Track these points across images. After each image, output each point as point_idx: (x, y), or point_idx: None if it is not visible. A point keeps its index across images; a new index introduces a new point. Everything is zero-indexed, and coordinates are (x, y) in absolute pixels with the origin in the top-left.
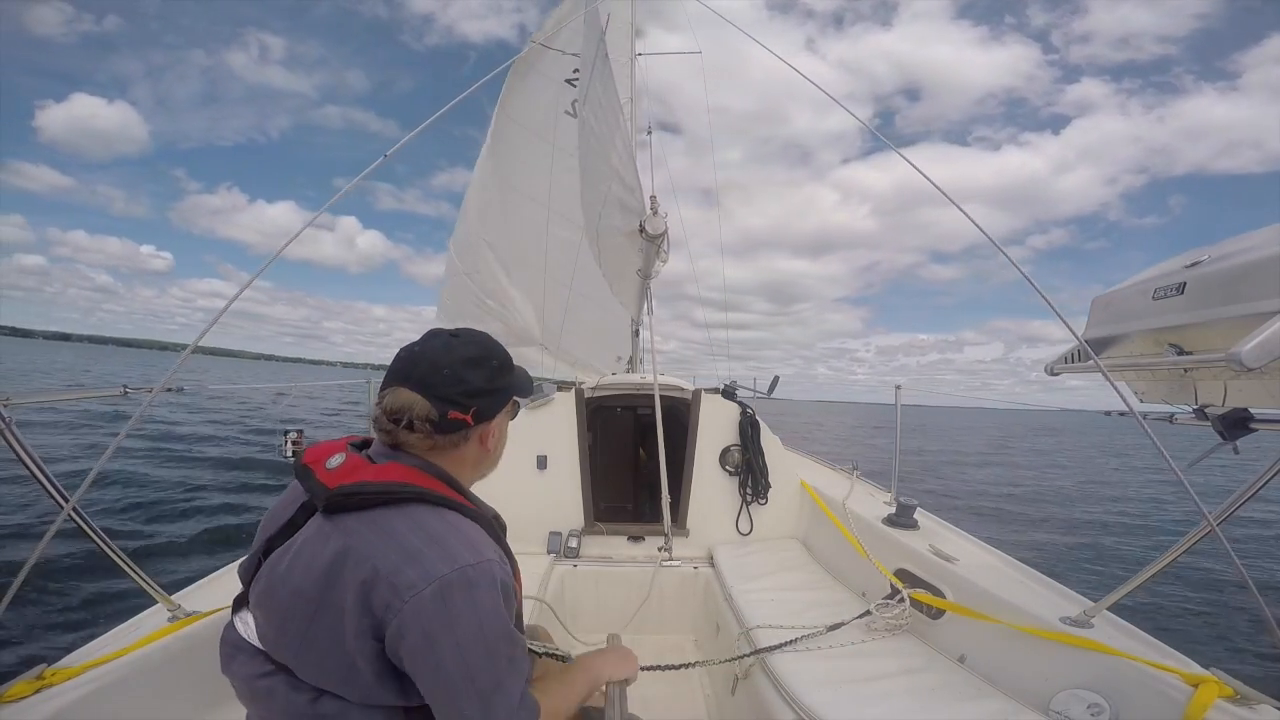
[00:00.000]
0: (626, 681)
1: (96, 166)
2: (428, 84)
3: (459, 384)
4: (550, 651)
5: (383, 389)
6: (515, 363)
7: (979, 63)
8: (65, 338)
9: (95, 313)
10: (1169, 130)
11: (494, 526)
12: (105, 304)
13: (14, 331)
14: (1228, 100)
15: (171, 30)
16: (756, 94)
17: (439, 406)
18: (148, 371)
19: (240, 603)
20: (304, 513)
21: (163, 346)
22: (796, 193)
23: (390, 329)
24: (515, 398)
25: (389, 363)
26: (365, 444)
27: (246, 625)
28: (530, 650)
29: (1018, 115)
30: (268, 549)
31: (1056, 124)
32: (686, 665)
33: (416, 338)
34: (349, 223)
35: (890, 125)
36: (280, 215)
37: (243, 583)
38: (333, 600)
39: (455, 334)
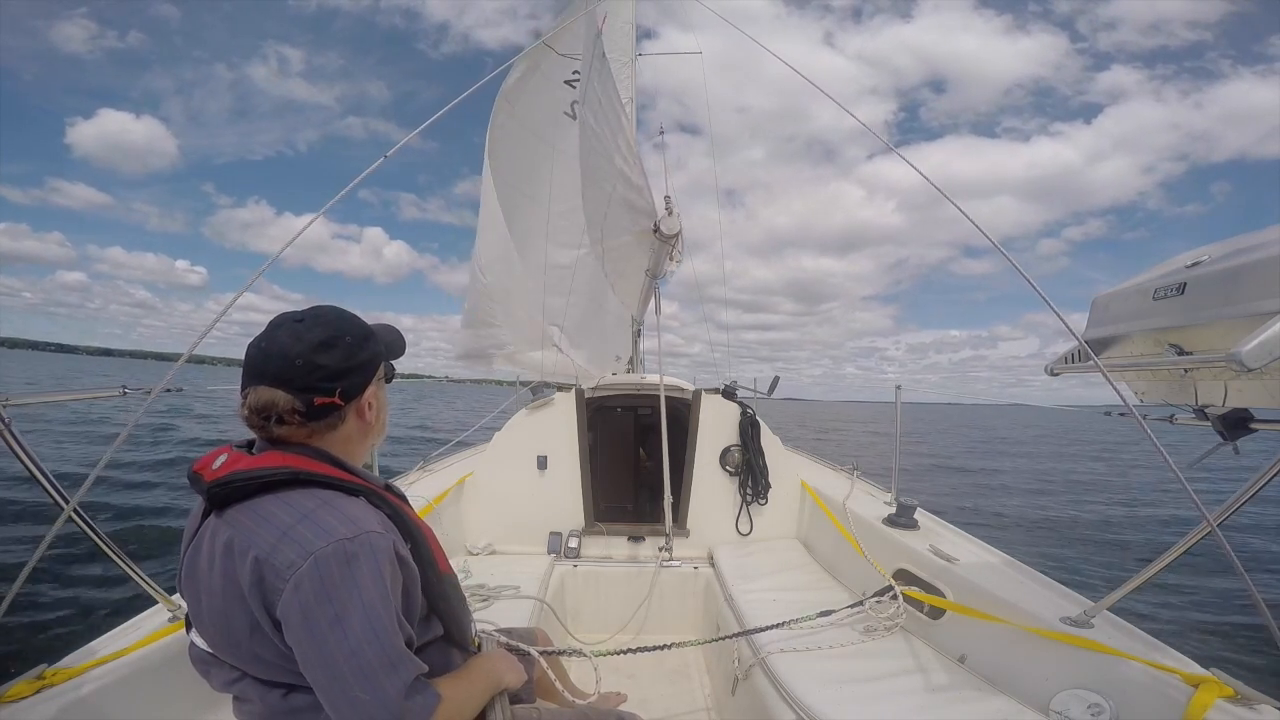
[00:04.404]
0: (510, 688)
1: (132, 183)
2: (447, 92)
3: (316, 370)
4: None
5: (243, 389)
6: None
7: (1005, 53)
8: (108, 353)
9: (136, 328)
10: (1208, 116)
11: (383, 497)
12: (145, 319)
13: (60, 348)
14: (1268, 84)
15: (197, 45)
16: (778, 92)
17: (302, 397)
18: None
19: (190, 618)
20: (206, 518)
21: (200, 360)
22: (821, 190)
23: (419, 338)
24: (386, 362)
25: (418, 371)
26: (253, 444)
27: (200, 637)
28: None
29: (1047, 105)
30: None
31: (1088, 113)
32: (667, 646)
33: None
34: (375, 233)
35: (916, 119)
36: (308, 227)
37: (182, 597)
38: (235, 594)
39: (301, 319)
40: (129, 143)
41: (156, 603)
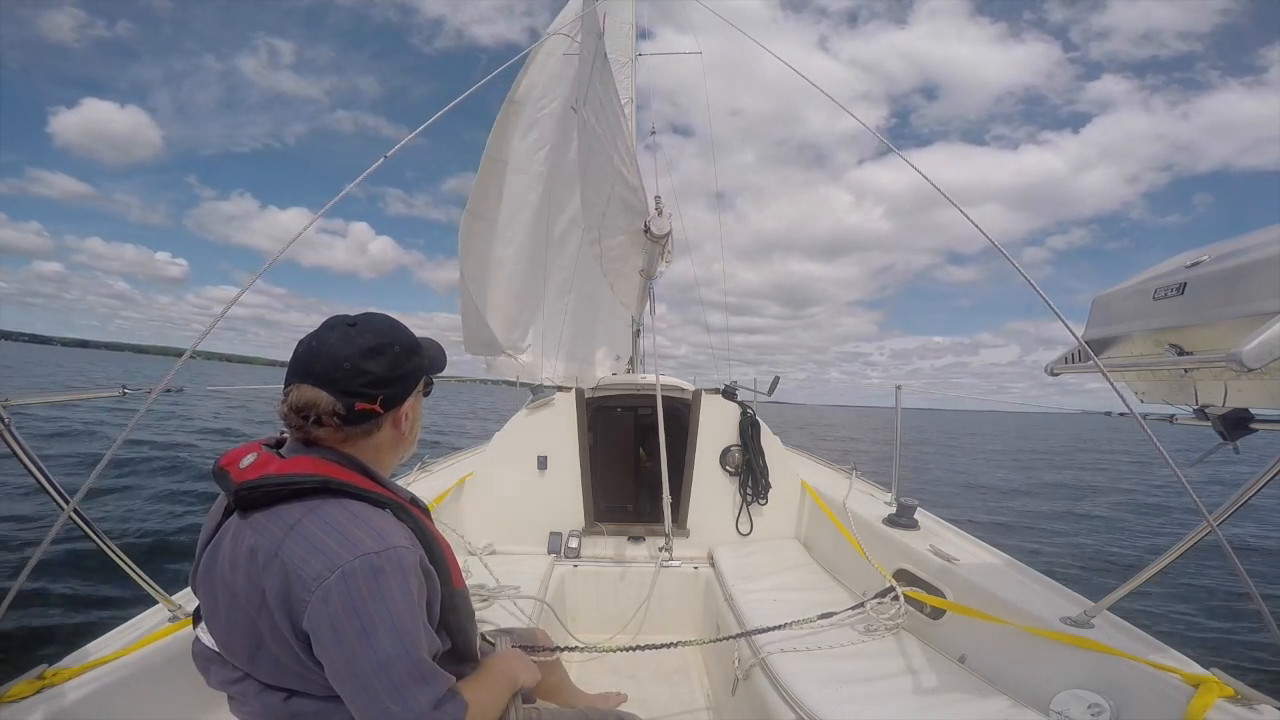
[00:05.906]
0: (526, 687)
1: (114, 174)
2: (439, 88)
3: (361, 375)
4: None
5: (286, 385)
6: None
7: (997, 60)
8: (84, 344)
9: (113, 319)
10: (1193, 127)
11: (408, 511)
12: (123, 311)
13: (34, 338)
14: (1254, 95)
15: (187, 36)
16: (772, 95)
17: (344, 400)
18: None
19: (199, 614)
20: (228, 516)
21: (178, 353)
22: (810, 195)
23: None
24: (428, 376)
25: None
26: (281, 443)
27: (207, 635)
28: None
29: (1036, 113)
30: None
31: (1076, 122)
32: (668, 645)
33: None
34: (360, 228)
35: (906, 125)
36: (292, 220)
37: (194, 593)
38: (258, 600)
39: (353, 323)
40: (113, 133)
41: (156, 603)
